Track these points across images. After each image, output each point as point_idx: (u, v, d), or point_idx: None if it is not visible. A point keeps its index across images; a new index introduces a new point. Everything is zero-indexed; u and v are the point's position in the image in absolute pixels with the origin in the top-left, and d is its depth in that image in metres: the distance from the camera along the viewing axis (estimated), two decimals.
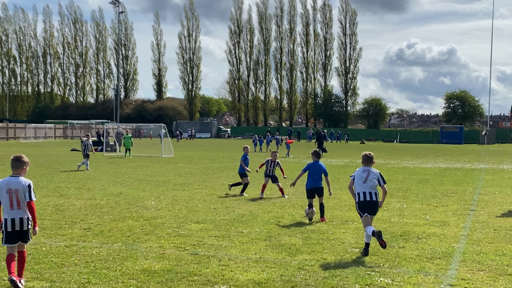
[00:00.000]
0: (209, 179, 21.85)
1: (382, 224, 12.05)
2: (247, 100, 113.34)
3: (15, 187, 7.28)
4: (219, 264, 8.47)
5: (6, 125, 74.70)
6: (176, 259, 8.74)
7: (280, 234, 10.77)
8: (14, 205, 7.27)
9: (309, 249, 9.51)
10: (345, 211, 13.89)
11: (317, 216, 12.59)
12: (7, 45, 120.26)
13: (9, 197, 7.25)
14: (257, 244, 9.86)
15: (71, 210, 13.47)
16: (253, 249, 9.51)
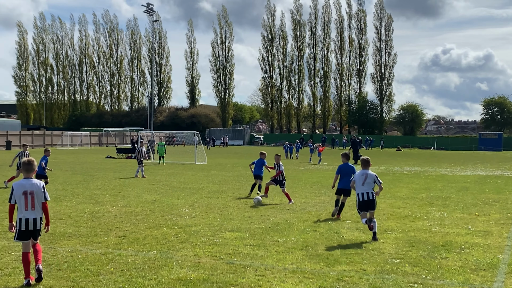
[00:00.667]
0: (243, 186, 21.75)
1: (423, 233, 11.74)
2: (280, 107, 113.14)
3: (30, 189, 7.76)
4: (255, 274, 8.32)
5: (43, 133, 76.13)
6: (211, 268, 8.63)
7: (317, 244, 10.57)
8: (29, 206, 7.74)
9: (348, 260, 9.29)
10: (383, 220, 13.59)
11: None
12: (44, 54, 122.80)
13: (24, 198, 7.72)
14: (293, 254, 9.68)
15: (107, 218, 13.51)
16: (290, 259, 9.33)
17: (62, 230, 11.77)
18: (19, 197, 7.76)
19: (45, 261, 8.92)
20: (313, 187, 21.65)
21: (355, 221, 13.25)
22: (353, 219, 13.66)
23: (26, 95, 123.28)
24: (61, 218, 13.30)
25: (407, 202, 17.32)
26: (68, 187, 20.66)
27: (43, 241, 10.49)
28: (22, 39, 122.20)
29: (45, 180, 18.93)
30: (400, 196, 18.80)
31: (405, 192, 20.32)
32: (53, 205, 15.55)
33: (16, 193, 7.78)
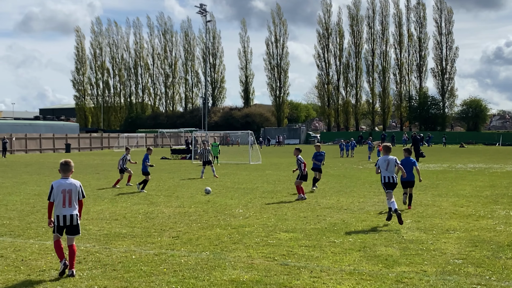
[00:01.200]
0: None
1: (487, 233, 11.31)
2: (337, 105, 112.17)
3: (68, 188, 8.45)
4: (311, 275, 8.20)
5: (100, 135, 78.18)
6: (265, 269, 8.56)
7: (376, 244, 10.34)
8: (67, 203, 8.41)
9: (408, 261, 9.04)
10: (445, 219, 13.19)
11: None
12: (101, 58, 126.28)
13: (63, 196, 8.39)
14: (350, 255, 9.50)
15: (161, 218, 13.67)
16: (347, 260, 9.16)
17: (117, 230, 11.98)
18: (58, 195, 8.40)
19: (100, 261, 9.09)
20: (372, 186, 21.30)
21: (416, 221, 12.92)
22: (414, 218, 13.32)
23: (84, 99, 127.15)
24: (116, 219, 13.55)
25: (470, 200, 16.78)
26: (123, 188, 21.07)
27: (99, 242, 10.71)
28: (80, 44, 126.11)
29: (146, 177, 20.17)
30: (463, 194, 18.24)
31: (468, 190, 19.71)
32: (108, 206, 15.88)
33: (55, 191, 8.41)
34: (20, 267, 8.78)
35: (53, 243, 8.61)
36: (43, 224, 12.88)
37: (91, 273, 8.42)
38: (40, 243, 10.68)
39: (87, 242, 10.75)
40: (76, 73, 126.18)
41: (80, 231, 8.65)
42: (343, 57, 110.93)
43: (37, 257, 9.50)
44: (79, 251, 9.82)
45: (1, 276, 8.25)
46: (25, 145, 64.25)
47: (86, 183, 23.52)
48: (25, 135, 65.49)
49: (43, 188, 21.23)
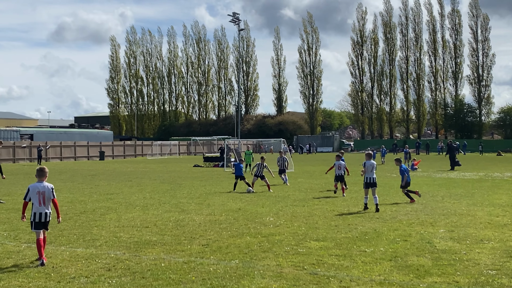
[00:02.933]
0: (331, 194, 21.47)
1: None
2: (371, 113, 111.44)
3: (42, 190, 9.85)
4: (340, 285, 8.11)
5: (134, 143, 79.08)
6: (294, 278, 8.50)
7: (407, 254, 10.18)
8: (42, 203, 9.82)
9: (440, 271, 8.87)
10: (480, 229, 12.92)
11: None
12: (135, 67, 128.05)
13: (38, 197, 9.80)
14: (381, 265, 9.37)
15: (191, 226, 13.71)
16: (377, 270, 9.04)
17: (147, 238, 12.05)
18: (34, 196, 9.84)
19: (129, 269, 9.15)
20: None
21: (450, 230, 12.69)
22: (447, 228, 13.08)
23: (118, 107, 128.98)
24: (147, 226, 13.64)
25: (506, 210, 16.41)
26: (155, 196, 21.24)
27: (129, 249, 10.79)
28: (115, 53, 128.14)
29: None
30: (499, 204, 17.86)
31: (505, 199, 19.28)
32: (140, 214, 16.01)
33: (31, 193, 9.86)
34: (50, 274, 8.89)
35: (36, 240, 9.86)
36: (75, 231, 13.05)
37: (120, 280, 8.48)
38: (71, 250, 10.82)
39: (117, 249, 10.84)
40: (111, 81, 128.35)
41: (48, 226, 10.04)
42: (377, 64, 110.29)
43: (68, 264, 9.61)
44: (108, 258, 10.01)
45: (31, 283, 8.37)
46: (60, 152, 65.40)
47: (119, 190, 23.79)
48: (60, 143, 66.68)
49: (76, 196, 21.55)
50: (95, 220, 14.88)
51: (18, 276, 8.76)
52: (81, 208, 17.44)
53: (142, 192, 22.81)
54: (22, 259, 10.00)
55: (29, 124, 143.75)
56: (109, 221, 14.68)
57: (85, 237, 12.26)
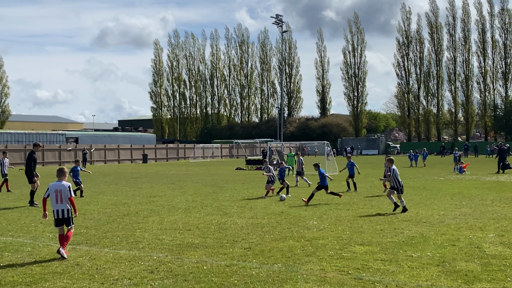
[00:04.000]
0: (375, 198, 21.21)
1: None
2: (417, 114, 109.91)
3: (59, 188, 10.61)
4: None
5: (176, 146, 79.94)
6: (338, 283, 8.40)
7: (455, 259, 9.95)
8: (59, 200, 10.58)
9: (489, 277, 8.63)
10: None
11: None
12: (178, 70, 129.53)
13: (55, 195, 10.58)
14: (428, 270, 9.18)
15: (233, 229, 13.73)
16: (424, 275, 8.86)
17: (190, 241, 12.13)
18: (52, 194, 10.63)
19: (172, 272, 9.21)
20: (454, 198, 20.60)
21: (500, 235, 12.36)
22: (497, 232, 12.74)
23: (161, 110, 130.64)
24: (189, 229, 13.73)
25: None
26: (197, 199, 21.38)
27: (171, 252, 10.88)
28: (158, 57, 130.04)
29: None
30: None
31: None
32: (182, 216, 16.14)
33: (50, 191, 10.66)
34: (94, 276, 9.03)
35: (58, 236, 10.82)
36: (118, 233, 13.24)
37: (163, 283, 8.55)
38: (114, 252, 10.97)
39: (160, 252, 10.94)
40: (154, 85, 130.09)
41: (71, 223, 10.74)
42: (424, 65, 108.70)
43: (111, 266, 9.75)
44: (151, 260, 10.10)
45: (76, 284, 8.52)
46: (104, 155, 66.64)
47: (161, 193, 24.06)
48: (104, 146, 67.94)
49: (120, 198, 21.88)
50: (138, 222, 15.07)
51: (63, 278, 8.93)
52: (124, 211, 17.70)
53: (184, 195, 23.01)
54: (66, 260, 10.19)
55: (74, 127, 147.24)
56: (152, 223, 14.84)
57: (128, 239, 12.42)
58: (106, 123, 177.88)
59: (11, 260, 10.27)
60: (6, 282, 8.65)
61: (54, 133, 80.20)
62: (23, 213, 17.49)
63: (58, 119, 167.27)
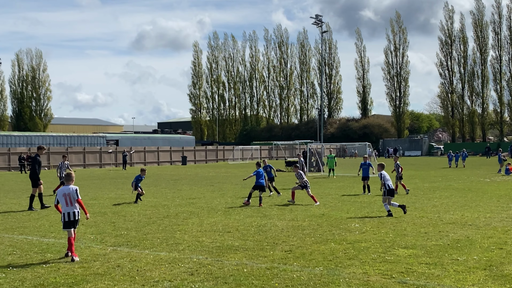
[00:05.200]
0: (419, 200, 20.88)
1: None
2: (461, 115, 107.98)
3: (67, 192, 11.04)
4: None
5: (215, 148, 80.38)
6: (381, 287, 8.29)
7: (503, 263, 9.71)
8: (68, 203, 10.99)
9: None
10: None
11: None
12: (217, 72, 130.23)
13: (64, 199, 11.02)
14: (475, 274, 8.98)
15: (273, 231, 13.70)
16: (471, 279, 8.67)
17: (230, 243, 12.15)
18: (61, 198, 11.06)
19: (212, 274, 9.24)
20: (500, 201, 20.15)
21: None
22: None
23: (200, 112, 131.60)
24: (229, 231, 13.76)
25: None
26: (237, 201, 21.42)
27: (211, 254, 10.92)
28: (197, 59, 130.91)
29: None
30: None
31: None
32: (222, 218, 16.19)
33: (59, 196, 11.16)
34: (135, 277, 9.13)
35: (67, 239, 10.95)
36: (158, 235, 13.36)
37: (203, 285, 8.58)
38: (154, 253, 11.07)
39: (200, 254, 10.99)
40: (193, 87, 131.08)
41: (77, 224, 11.17)
42: (468, 65, 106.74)
43: (152, 267, 9.83)
44: (191, 262, 10.15)
45: (117, 286, 8.62)
46: (144, 157, 67.44)
47: (201, 195, 24.19)
48: (144, 148, 68.76)
49: (160, 200, 22.10)
50: (178, 224, 15.18)
51: (104, 279, 9.05)
52: (164, 213, 17.86)
53: (224, 197, 23.09)
54: (107, 262, 10.33)
55: (114, 130, 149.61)
56: (192, 225, 14.93)
57: (168, 241, 12.52)
58: (145, 125, 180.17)
59: (54, 261, 10.47)
60: (48, 283, 8.81)
61: (95, 135, 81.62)
62: None
63: (99, 121, 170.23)
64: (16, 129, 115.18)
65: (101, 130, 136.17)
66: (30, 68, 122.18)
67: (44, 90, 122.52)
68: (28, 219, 16.79)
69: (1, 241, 12.72)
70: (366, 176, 24.56)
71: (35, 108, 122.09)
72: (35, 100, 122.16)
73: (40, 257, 10.89)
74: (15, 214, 18.22)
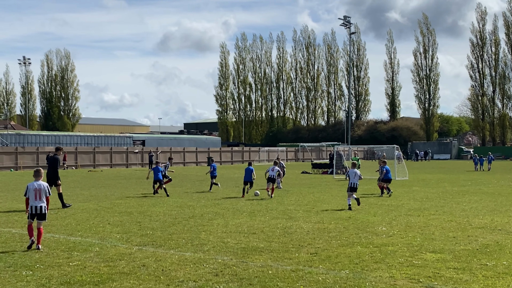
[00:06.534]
0: (448, 204, 20.65)
1: None
2: (492, 118, 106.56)
3: (38, 187, 12.08)
4: None
5: (241, 149, 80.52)
6: None
7: None
8: (37, 197, 12.01)
9: None
10: None
11: None
12: (244, 73, 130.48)
13: (34, 193, 12.02)
14: (504, 280, 8.85)
15: (299, 233, 13.68)
16: (500, 285, 8.55)
17: (255, 244, 12.16)
18: (31, 192, 12.02)
19: (237, 275, 9.26)
20: None
21: None
22: None
23: (227, 113, 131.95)
24: (254, 233, 13.77)
25: None
26: (262, 202, 21.43)
27: (236, 255, 10.94)
28: (224, 60, 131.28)
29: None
30: None
31: None
32: (247, 220, 16.21)
33: (29, 189, 12.07)
34: (160, 277, 9.19)
35: (27, 226, 12.11)
36: (183, 235, 13.44)
37: (228, 286, 8.60)
38: (180, 254, 11.13)
39: (225, 255, 11.02)
40: (219, 88, 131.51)
41: (46, 218, 12.19)
42: (499, 67, 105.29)
43: (176, 267, 9.89)
44: (216, 263, 10.19)
45: (142, 285, 8.69)
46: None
47: (226, 195, 24.26)
48: (170, 148, 69.23)
49: (185, 200, 22.21)
50: (203, 225, 15.25)
51: (130, 278, 9.13)
52: (189, 213, 17.95)
53: (249, 198, 23.10)
54: (133, 261, 10.41)
55: (141, 130, 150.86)
56: (217, 226, 14.97)
57: (193, 241, 12.57)
58: (172, 126, 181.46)
59: (80, 260, 10.59)
60: (75, 281, 8.92)
61: (122, 135, 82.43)
62: (91, 213, 18.03)
63: (126, 122, 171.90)
64: (45, 128, 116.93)
65: (128, 130, 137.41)
66: (59, 68, 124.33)
67: (72, 90, 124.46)
68: (55, 217, 17.01)
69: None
70: (388, 179, 25.04)
71: (63, 107, 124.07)
72: (64, 100, 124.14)
73: (67, 255, 11.03)
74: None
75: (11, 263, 10.31)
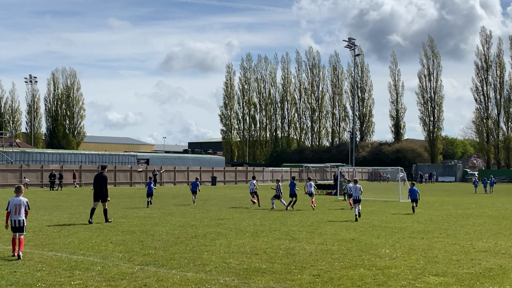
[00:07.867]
0: (452, 226, 20.56)
1: None
2: (497, 141, 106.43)
3: (18, 202, 13.25)
4: None
5: (245, 169, 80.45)
6: None
7: None
8: (17, 212, 13.15)
9: None
10: None
11: None
12: (249, 93, 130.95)
13: (14, 208, 13.18)
14: None
15: (302, 255, 13.63)
16: None
17: (257, 265, 12.12)
18: (12, 207, 13.18)
19: None
20: None
21: None
22: None
23: (231, 133, 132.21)
24: (256, 254, 13.73)
25: None
26: (265, 223, 21.38)
27: (238, 276, 10.90)
28: (229, 80, 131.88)
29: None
30: None
31: None
32: (250, 240, 16.17)
33: (11, 204, 13.23)
34: None
35: (11, 240, 13.14)
36: (185, 255, 13.41)
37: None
38: (181, 274, 11.10)
39: (227, 275, 10.98)
40: (224, 107, 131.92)
41: (24, 231, 13.28)
42: (504, 90, 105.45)
43: (178, 287, 9.86)
44: (218, 284, 10.18)
45: None
46: (174, 177, 67.90)
47: (229, 216, 24.22)
48: (174, 167, 69.26)
49: (188, 220, 22.18)
50: (205, 245, 15.21)
51: None
52: (192, 233, 17.91)
53: (252, 219, 23.07)
54: (134, 281, 10.39)
55: (145, 149, 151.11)
56: (219, 246, 14.94)
57: (196, 261, 12.54)
58: (176, 145, 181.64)
59: (82, 279, 10.57)
60: None
61: (126, 154, 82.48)
62: (94, 232, 18.01)
63: (130, 140, 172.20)
64: (50, 146, 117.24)
65: (132, 149, 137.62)
66: (65, 87, 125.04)
67: (78, 108, 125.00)
68: (58, 236, 17.01)
69: (31, 257, 12.90)
70: (414, 199, 27.49)
71: (68, 126, 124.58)
72: (69, 118, 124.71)
73: (68, 274, 11.02)
74: (45, 230, 18.49)
75: (13, 281, 10.30)
